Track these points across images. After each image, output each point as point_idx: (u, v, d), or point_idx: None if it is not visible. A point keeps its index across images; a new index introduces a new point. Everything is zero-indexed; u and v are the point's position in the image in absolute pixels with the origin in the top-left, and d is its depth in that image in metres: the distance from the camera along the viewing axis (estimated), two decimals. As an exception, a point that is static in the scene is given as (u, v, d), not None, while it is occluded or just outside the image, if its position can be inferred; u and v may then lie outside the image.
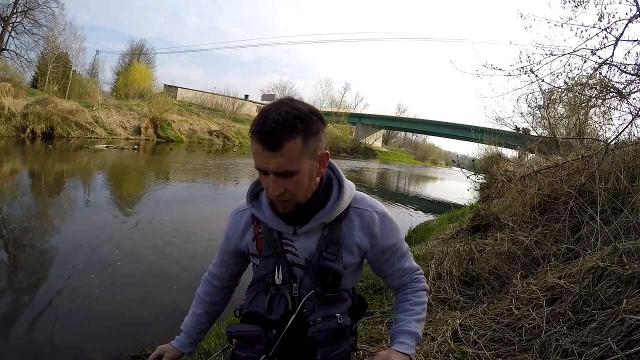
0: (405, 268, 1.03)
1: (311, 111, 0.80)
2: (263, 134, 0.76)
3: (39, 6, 25.34)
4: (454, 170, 38.30)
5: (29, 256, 4.19)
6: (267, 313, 0.89)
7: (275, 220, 0.91)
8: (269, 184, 0.81)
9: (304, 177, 0.82)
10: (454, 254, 3.01)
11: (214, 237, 5.51)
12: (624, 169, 2.76)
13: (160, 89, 35.77)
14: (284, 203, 0.86)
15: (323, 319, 0.87)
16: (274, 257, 0.92)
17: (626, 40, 3.27)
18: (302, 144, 0.78)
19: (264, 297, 0.91)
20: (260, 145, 0.77)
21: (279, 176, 0.79)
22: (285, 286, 0.90)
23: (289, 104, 0.78)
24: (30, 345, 2.68)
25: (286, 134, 0.75)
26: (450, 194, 16.21)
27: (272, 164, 0.78)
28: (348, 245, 0.93)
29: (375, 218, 0.94)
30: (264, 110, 0.79)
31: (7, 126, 16.10)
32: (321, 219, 0.90)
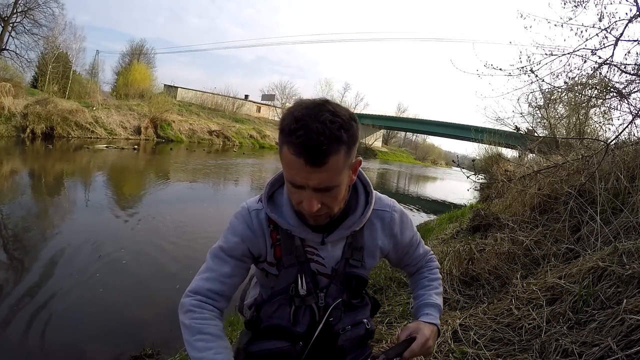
0: (421, 254, 1.05)
1: (351, 116, 0.72)
2: (307, 149, 0.67)
3: (39, 6, 25.37)
4: (454, 170, 38.29)
5: (29, 256, 4.19)
6: (292, 325, 0.84)
7: (300, 228, 0.84)
8: (305, 199, 0.74)
9: (342, 190, 0.77)
10: (454, 254, 3.01)
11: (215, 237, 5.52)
12: (624, 169, 2.76)
13: (160, 89, 35.79)
14: (317, 217, 0.79)
15: (352, 327, 0.87)
16: (296, 266, 0.86)
17: (626, 40, 3.27)
18: (345, 155, 0.71)
19: (287, 309, 0.85)
20: (301, 159, 0.68)
21: (317, 191, 0.73)
22: (310, 297, 0.85)
23: (329, 109, 0.69)
24: (31, 345, 2.67)
25: (332, 147, 0.67)
26: (450, 194, 16.21)
27: (314, 179, 0.70)
28: (370, 250, 0.92)
29: (395, 218, 0.94)
30: (301, 116, 0.68)
31: (7, 126, 16.09)
32: (352, 226, 0.86)
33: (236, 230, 0.88)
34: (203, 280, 0.86)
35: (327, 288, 0.88)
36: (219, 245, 0.88)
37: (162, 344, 2.77)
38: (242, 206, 0.91)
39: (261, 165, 18.94)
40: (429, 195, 16.75)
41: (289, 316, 0.85)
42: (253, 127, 33.86)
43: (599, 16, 3.29)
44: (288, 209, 0.85)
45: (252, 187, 12.20)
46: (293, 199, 0.78)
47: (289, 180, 0.75)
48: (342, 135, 0.68)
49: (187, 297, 0.84)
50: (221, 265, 0.86)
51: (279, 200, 0.88)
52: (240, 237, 0.87)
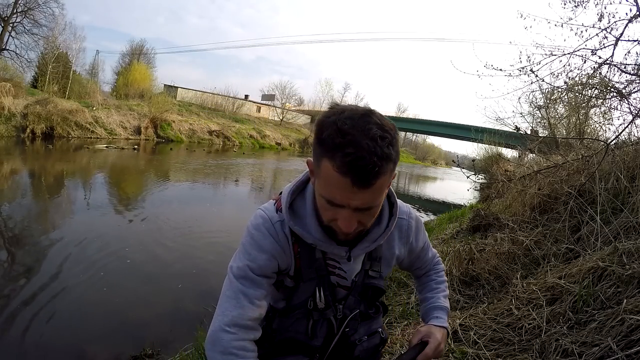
0: (430, 258, 1.05)
1: (394, 129, 0.67)
2: (356, 169, 0.61)
3: (39, 6, 25.37)
4: (454, 170, 38.30)
5: (28, 256, 4.19)
6: (310, 339, 0.83)
7: (327, 242, 0.79)
8: (341, 217, 0.69)
9: (379, 206, 0.72)
10: (454, 254, 3.01)
11: (216, 237, 5.52)
12: (624, 169, 2.76)
13: (160, 89, 35.79)
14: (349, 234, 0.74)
15: (368, 337, 0.88)
16: (316, 279, 0.82)
17: (626, 40, 3.27)
18: (390, 173, 0.66)
19: (303, 322, 0.83)
20: (347, 179, 0.62)
21: (356, 211, 0.68)
22: (329, 310, 0.83)
23: (376, 121, 0.64)
24: (31, 345, 2.67)
25: (383, 168, 0.63)
26: (450, 194, 16.21)
27: (357, 200, 0.65)
28: (387, 259, 0.91)
29: (412, 225, 0.93)
30: (347, 130, 0.62)
31: (7, 126, 16.09)
32: (377, 240, 0.83)
33: (263, 246, 0.79)
34: (239, 308, 0.74)
35: (346, 299, 0.86)
36: (246, 265, 0.77)
37: (162, 344, 2.77)
38: (261, 216, 0.81)
39: (261, 165, 18.95)
40: (429, 195, 16.75)
41: (306, 329, 0.83)
42: (253, 127, 33.87)
43: (599, 16, 3.29)
44: (312, 220, 0.78)
45: (252, 187, 12.21)
46: (326, 215, 0.72)
47: (327, 197, 0.68)
48: (392, 153, 0.64)
49: (225, 333, 0.72)
50: (253, 287, 0.77)
51: (300, 210, 0.80)
52: (269, 253, 0.79)
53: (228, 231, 5.97)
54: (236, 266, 0.78)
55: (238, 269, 0.77)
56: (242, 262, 0.78)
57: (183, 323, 3.10)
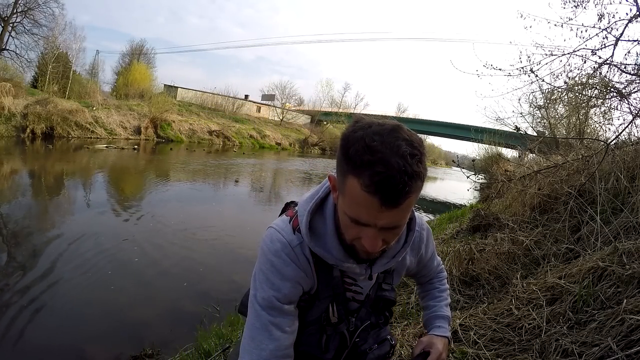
0: (435, 266, 1.05)
1: (423, 145, 0.63)
2: (386, 189, 0.58)
3: (39, 6, 25.37)
4: (454, 170, 38.30)
5: (28, 256, 4.19)
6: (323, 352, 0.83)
7: (347, 262, 0.76)
8: (366, 236, 0.66)
9: (405, 226, 0.70)
10: (454, 254, 3.01)
11: (216, 237, 5.52)
12: (624, 169, 2.76)
13: (160, 89, 35.80)
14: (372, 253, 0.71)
15: (378, 345, 0.89)
16: (330, 296, 0.82)
17: (626, 40, 3.27)
18: (419, 191, 0.63)
19: (316, 337, 0.83)
20: (376, 199, 0.59)
21: (383, 230, 0.65)
22: (342, 324, 0.84)
23: (405, 137, 0.61)
24: (31, 345, 2.68)
25: (413, 187, 0.60)
26: (450, 194, 16.22)
27: (384, 219, 0.63)
28: (399, 270, 0.92)
29: (423, 237, 0.93)
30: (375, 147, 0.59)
31: (7, 126, 16.10)
32: (396, 256, 0.81)
33: (285, 273, 0.75)
34: (274, 341, 0.73)
35: (358, 312, 0.87)
36: (272, 295, 0.75)
37: (162, 344, 2.77)
38: (279, 240, 0.77)
39: (262, 165, 18.95)
40: (429, 195, 16.74)
41: (318, 343, 0.82)
42: (253, 127, 33.87)
43: (599, 16, 3.29)
44: (333, 240, 0.75)
45: (253, 187, 12.21)
46: (349, 234, 0.69)
47: (352, 216, 0.65)
48: (421, 171, 0.61)
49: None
50: (282, 315, 0.75)
51: (320, 229, 0.76)
52: (294, 280, 0.76)
53: (228, 231, 5.98)
54: (261, 297, 0.75)
55: (263, 299, 0.75)
56: (266, 292, 0.75)
57: (183, 323, 3.10)
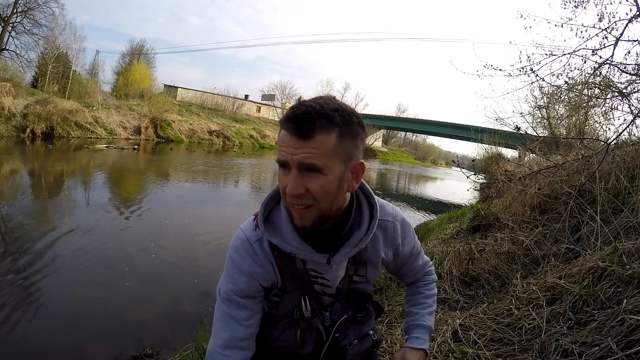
0: (420, 265, 1.02)
1: (353, 112, 0.70)
2: (294, 119, 0.65)
3: (39, 6, 25.38)
4: (454, 170, 38.30)
5: (27, 256, 4.18)
6: (299, 347, 0.82)
7: (304, 249, 0.78)
8: (289, 181, 0.68)
9: (331, 181, 0.69)
10: (454, 254, 3.01)
11: (216, 237, 5.52)
12: (624, 169, 2.76)
13: (160, 89, 35.79)
14: (302, 210, 0.71)
15: (359, 341, 0.86)
16: (299, 290, 0.82)
17: (626, 40, 3.27)
18: (337, 140, 0.67)
19: (292, 332, 0.83)
20: (288, 132, 0.66)
21: (302, 171, 0.67)
22: (316, 318, 0.83)
23: (330, 98, 0.70)
24: (31, 345, 2.68)
25: (321, 123, 0.65)
26: (450, 194, 16.21)
27: (298, 154, 0.66)
28: (373, 262, 0.89)
29: (397, 228, 0.89)
30: (300, 100, 0.70)
31: (7, 126, 16.09)
32: (359, 244, 0.81)
33: (242, 268, 0.80)
34: (228, 331, 0.79)
35: (332, 306, 0.86)
36: (229, 289, 0.80)
37: (162, 344, 2.77)
38: (239, 237, 0.82)
39: (262, 165, 18.94)
40: (429, 195, 16.75)
41: (294, 338, 0.82)
42: (253, 127, 33.85)
43: (599, 16, 3.29)
44: (288, 229, 0.78)
45: (253, 187, 12.20)
46: (281, 187, 0.72)
47: (278, 159, 0.70)
48: (335, 117, 0.66)
49: (219, 355, 0.78)
50: (238, 309, 0.80)
51: (277, 221, 0.80)
52: (249, 275, 0.80)
53: (229, 232, 5.97)
54: (222, 290, 0.81)
55: (224, 292, 0.81)
56: (225, 286, 0.81)
57: (183, 323, 3.10)
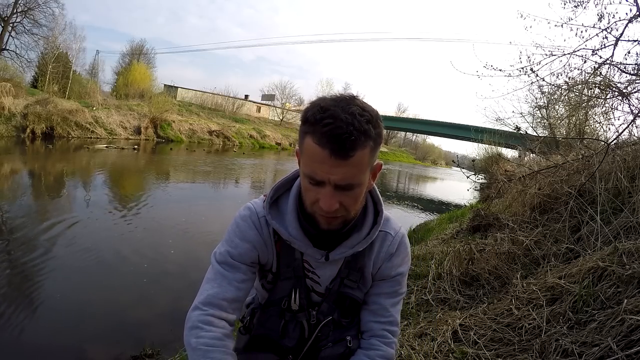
0: (388, 316, 0.87)
1: (378, 115, 0.68)
2: (334, 139, 0.62)
3: (39, 6, 25.36)
4: (454, 170, 38.31)
5: (27, 256, 4.18)
6: (280, 338, 0.83)
7: (302, 241, 0.79)
8: (323, 197, 0.68)
9: (363, 191, 0.72)
10: (454, 254, 3.01)
11: (217, 237, 5.51)
12: (624, 169, 2.76)
13: (160, 89, 35.79)
14: (331, 219, 0.72)
15: (334, 344, 0.85)
16: (293, 279, 0.83)
17: (626, 40, 3.27)
18: (370, 153, 0.67)
19: (277, 321, 0.84)
20: (326, 151, 0.63)
21: (338, 189, 0.67)
22: (302, 313, 0.84)
23: (357, 103, 0.66)
24: (31, 345, 2.67)
25: (360, 140, 0.64)
26: (450, 194, 16.21)
27: (337, 174, 0.65)
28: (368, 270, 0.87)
29: (395, 243, 0.87)
30: (328, 107, 0.64)
31: (7, 126, 16.08)
32: (356, 246, 0.80)
33: (247, 235, 0.81)
34: (215, 288, 0.77)
35: (319, 306, 0.85)
36: (227, 250, 0.80)
37: (162, 344, 2.77)
38: (249, 208, 0.83)
39: (262, 165, 18.94)
40: (429, 195, 16.75)
41: (278, 328, 0.83)
42: (253, 127, 33.86)
43: (599, 16, 3.29)
44: (292, 217, 0.79)
45: (254, 186, 12.20)
46: (308, 197, 0.72)
47: (308, 174, 0.68)
48: (370, 130, 0.65)
49: (196, 311, 0.75)
50: (232, 270, 0.79)
51: (282, 207, 0.82)
52: (252, 243, 0.80)
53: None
54: (218, 252, 0.82)
55: (220, 254, 0.81)
56: (224, 248, 0.81)
57: (183, 323, 3.09)
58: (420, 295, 2.69)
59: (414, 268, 3.24)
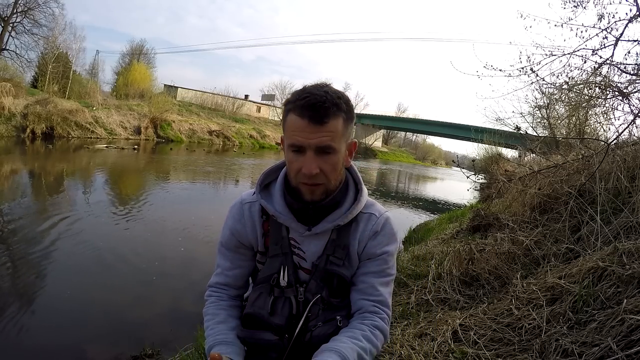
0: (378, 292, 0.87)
1: (349, 99, 0.81)
2: (310, 107, 0.75)
3: (39, 6, 25.36)
4: (454, 170, 38.31)
5: (27, 256, 4.18)
6: (269, 315, 0.85)
7: (287, 215, 0.86)
8: (305, 162, 0.77)
9: (340, 159, 0.81)
10: (454, 254, 3.01)
11: (218, 237, 5.51)
12: (624, 169, 2.76)
13: (160, 89, 35.79)
14: (313, 187, 0.81)
15: (324, 323, 0.85)
16: (281, 256, 0.88)
17: (626, 40, 3.27)
18: (343, 125, 0.79)
19: (267, 299, 0.87)
20: (305, 119, 0.75)
21: (317, 154, 0.77)
22: (290, 289, 0.87)
23: (330, 87, 0.79)
24: (31, 345, 2.67)
25: (333, 110, 0.76)
26: (450, 194, 16.22)
27: (315, 138, 0.76)
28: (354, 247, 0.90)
29: (380, 224, 0.90)
30: (304, 89, 0.78)
31: (7, 126, 16.09)
32: (337, 220, 0.86)
33: (227, 223, 0.95)
34: (215, 276, 0.97)
35: (307, 283, 0.88)
36: (220, 240, 0.96)
37: (162, 344, 2.77)
38: (236, 199, 0.97)
39: (262, 165, 18.94)
40: (429, 195, 16.74)
41: (268, 306, 0.86)
42: (253, 127, 33.85)
43: (598, 16, 3.29)
44: (278, 195, 0.88)
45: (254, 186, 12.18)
46: (293, 168, 0.81)
47: (291, 143, 0.78)
48: (342, 104, 0.77)
49: (207, 292, 0.97)
50: (223, 259, 0.95)
51: (272, 189, 0.92)
52: (230, 229, 0.94)
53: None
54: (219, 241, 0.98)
55: (219, 242, 0.97)
56: (220, 236, 0.97)
57: (183, 323, 3.09)
58: (420, 295, 2.69)
59: (413, 268, 3.24)
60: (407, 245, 5.27)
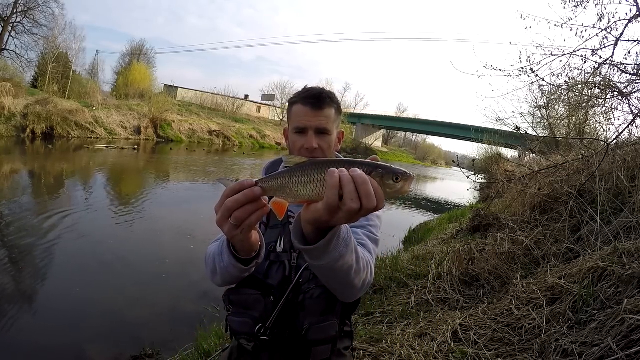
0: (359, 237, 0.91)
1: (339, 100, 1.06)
2: (311, 97, 0.99)
3: (39, 6, 25.39)
4: (454, 170, 38.29)
5: (27, 257, 4.18)
6: (264, 278, 0.94)
7: None
8: (307, 140, 0.98)
9: (333, 140, 1.03)
10: (454, 254, 3.01)
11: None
12: (624, 169, 2.76)
13: (160, 89, 35.80)
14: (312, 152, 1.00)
15: (316, 286, 0.92)
16: (279, 227, 1.00)
17: (626, 40, 3.27)
18: (335, 113, 1.03)
19: (264, 262, 0.94)
20: (307, 106, 0.98)
21: (317, 134, 0.99)
22: (285, 254, 0.97)
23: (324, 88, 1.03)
24: (30, 345, 2.67)
25: (328, 101, 1.00)
26: (450, 194, 16.21)
27: (315, 121, 0.98)
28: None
29: None
30: (305, 88, 1.03)
31: (7, 126, 16.09)
32: None
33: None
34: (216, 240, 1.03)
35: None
36: None
37: (162, 344, 2.77)
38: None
39: (263, 165, 18.92)
40: (429, 195, 16.74)
41: (263, 269, 0.95)
42: (253, 127, 33.86)
43: (598, 16, 3.29)
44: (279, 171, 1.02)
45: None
46: (296, 147, 1.00)
47: (296, 126, 1.00)
48: (335, 99, 1.03)
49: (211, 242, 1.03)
50: None
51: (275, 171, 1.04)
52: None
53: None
54: None
55: None
56: None
57: (183, 323, 3.10)
58: (420, 295, 2.69)
59: (414, 268, 3.24)
60: (407, 245, 5.27)
